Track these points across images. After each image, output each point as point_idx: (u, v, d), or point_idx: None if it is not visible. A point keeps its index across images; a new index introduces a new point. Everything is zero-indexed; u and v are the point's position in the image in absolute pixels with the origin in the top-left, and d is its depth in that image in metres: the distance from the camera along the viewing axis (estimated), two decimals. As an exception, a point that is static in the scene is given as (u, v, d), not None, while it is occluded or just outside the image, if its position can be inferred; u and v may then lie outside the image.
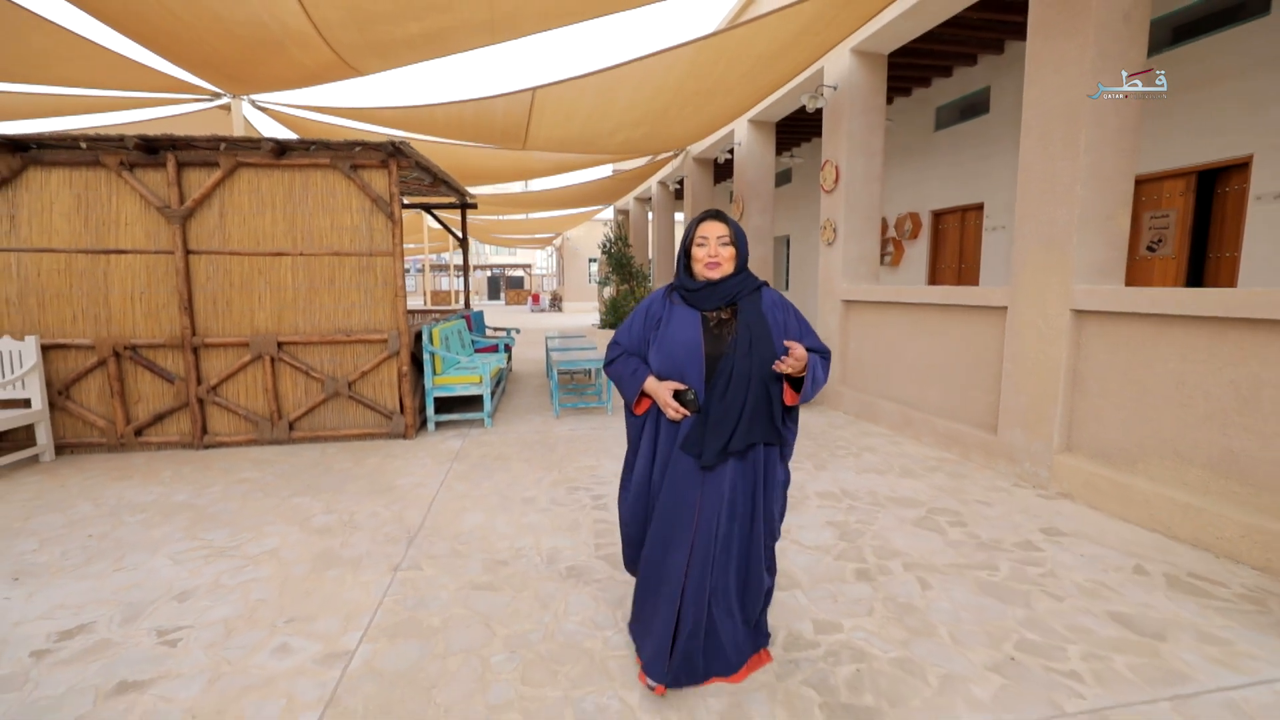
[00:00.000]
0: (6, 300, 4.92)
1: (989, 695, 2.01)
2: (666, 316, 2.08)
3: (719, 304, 2.00)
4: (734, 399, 1.93)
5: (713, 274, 2.01)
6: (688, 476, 1.98)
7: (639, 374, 2.07)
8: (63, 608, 2.61)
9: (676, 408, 1.96)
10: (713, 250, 2.00)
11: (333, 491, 4.07)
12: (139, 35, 5.28)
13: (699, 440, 1.96)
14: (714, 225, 2.02)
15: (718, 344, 1.98)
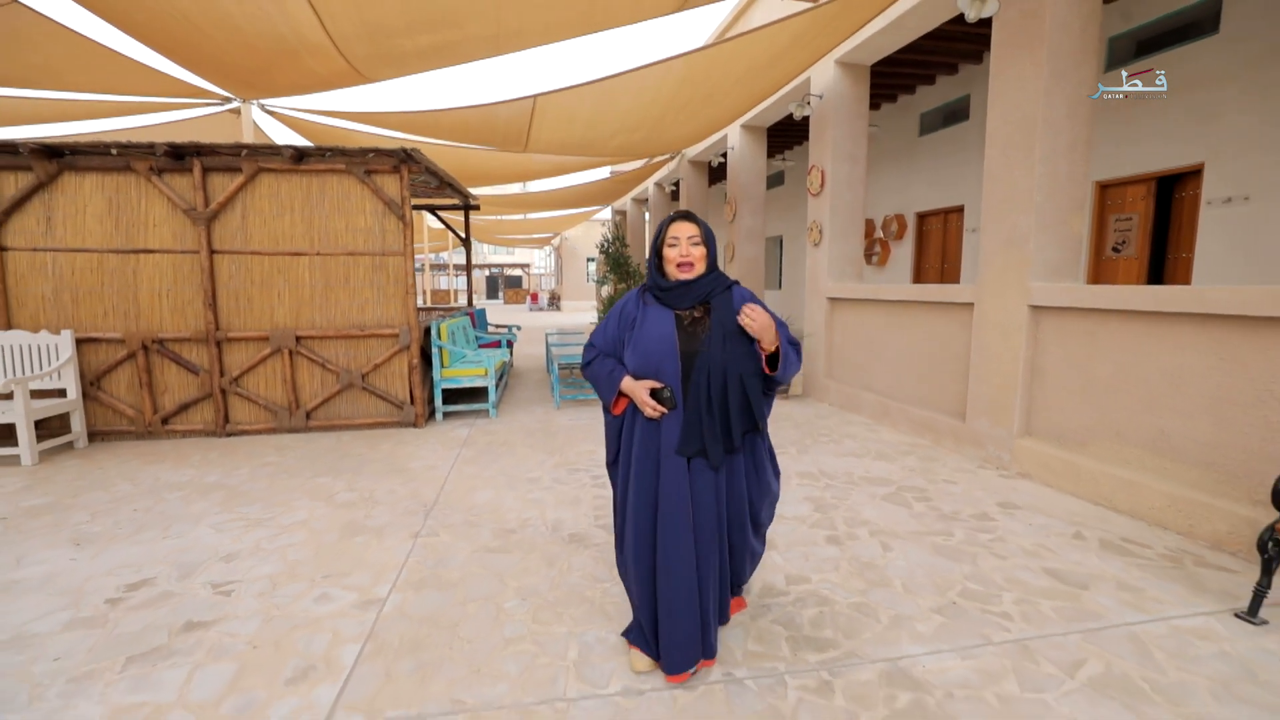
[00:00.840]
0: (43, 297, 5.25)
1: (930, 630, 2.37)
2: (641, 317, 2.10)
3: (692, 303, 2.05)
4: (717, 395, 1.97)
5: (685, 274, 2.05)
6: (679, 477, 1.99)
7: (615, 374, 2.09)
8: (124, 566, 2.95)
9: (654, 406, 1.98)
10: (684, 250, 2.04)
11: (352, 473, 4.42)
12: (159, 44, 5.61)
13: (698, 442, 1.98)
14: (684, 225, 2.06)
15: (692, 341, 2.01)
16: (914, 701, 1.96)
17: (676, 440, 2.00)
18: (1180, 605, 2.53)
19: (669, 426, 2.01)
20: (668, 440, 2.01)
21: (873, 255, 9.98)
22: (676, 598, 1.98)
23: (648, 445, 2.05)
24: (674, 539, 1.98)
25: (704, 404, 1.97)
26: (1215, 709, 1.91)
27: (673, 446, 2.00)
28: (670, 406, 1.98)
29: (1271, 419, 2.91)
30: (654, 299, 2.11)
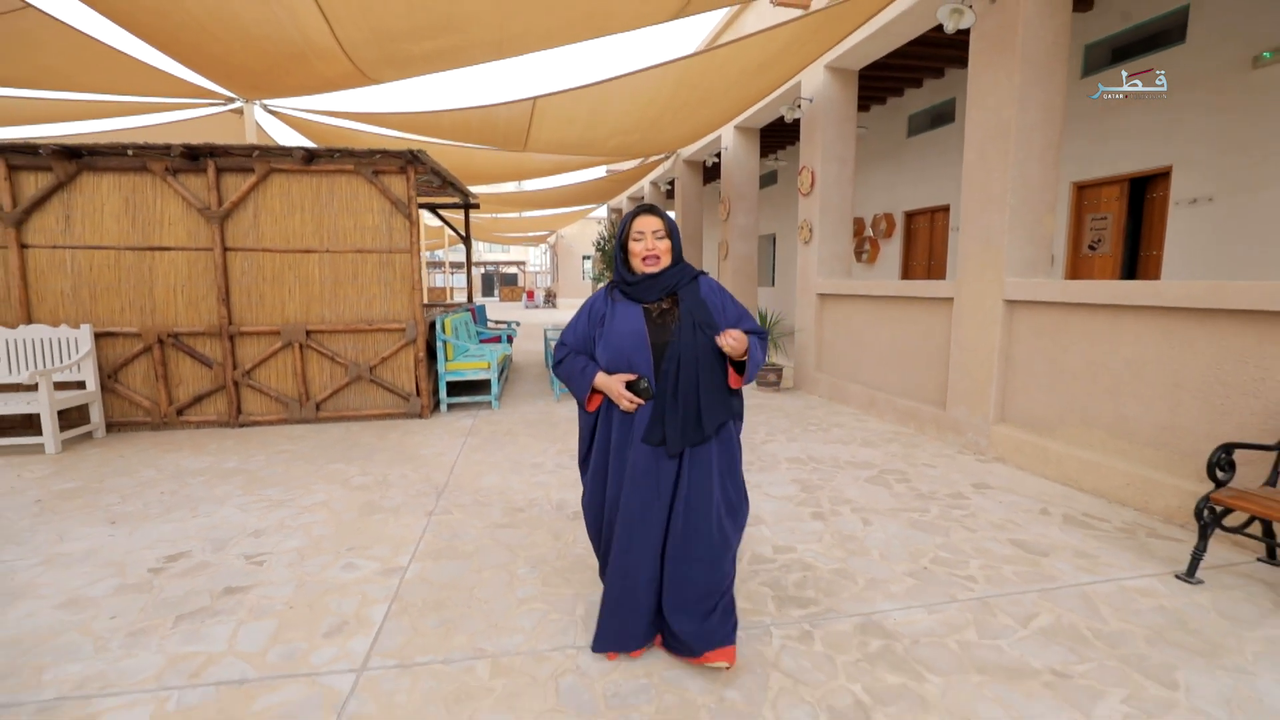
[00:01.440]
0: (62, 292, 5.45)
1: (902, 590, 2.62)
2: (610, 312, 2.12)
3: (659, 295, 2.07)
4: (687, 383, 1.99)
5: (651, 267, 2.07)
6: (648, 468, 2.02)
7: (588, 371, 2.09)
8: (160, 541, 3.18)
9: (630, 398, 1.99)
10: (649, 244, 2.06)
11: (364, 459, 4.65)
12: (167, 46, 5.79)
13: (660, 429, 2.00)
14: (649, 220, 2.08)
15: (662, 332, 2.03)
16: (884, 647, 2.22)
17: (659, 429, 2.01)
18: (1128, 569, 2.80)
19: (643, 418, 2.03)
20: (639, 430, 2.03)
21: (862, 253, 10.25)
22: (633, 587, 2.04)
23: (624, 437, 2.07)
24: (639, 528, 2.02)
25: (671, 392, 1.99)
26: (1146, 650, 2.17)
27: (640, 435, 2.03)
28: (647, 397, 2.00)
29: (1217, 403, 3.18)
30: (621, 294, 2.13)
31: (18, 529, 3.33)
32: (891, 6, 5.34)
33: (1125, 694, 1.95)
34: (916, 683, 2.02)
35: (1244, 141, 5.06)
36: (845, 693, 1.97)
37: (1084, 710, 1.88)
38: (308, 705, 1.93)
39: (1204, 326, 3.23)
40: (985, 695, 1.95)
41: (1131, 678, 2.03)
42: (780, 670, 2.08)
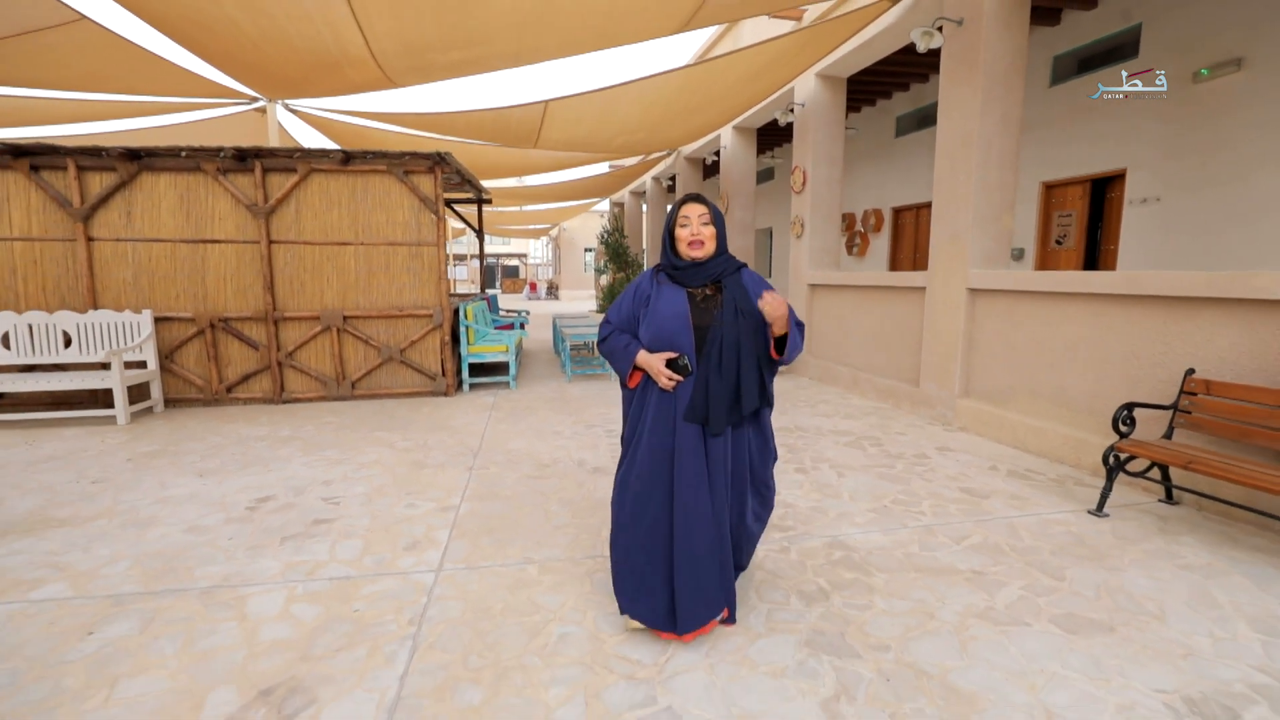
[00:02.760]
0: (124, 281, 6.04)
1: (864, 521, 3.24)
2: (655, 294, 2.19)
3: (704, 282, 2.15)
4: (729, 365, 2.06)
5: (697, 253, 2.14)
6: (695, 447, 2.10)
7: (631, 348, 2.18)
8: (246, 488, 3.79)
9: (670, 375, 2.07)
10: (695, 230, 2.13)
11: (403, 429, 5.26)
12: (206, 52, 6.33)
13: (704, 409, 2.08)
14: (695, 206, 2.16)
15: (705, 315, 2.11)
16: (844, 556, 2.83)
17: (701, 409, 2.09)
18: (1051, 507, 3.42)
19: (684, 395, 2.11)
20: (681, 410, 2.11)
21: (853, 246, 10.84)
22: (698, 558, 2.09)
23: (662, 414, 2.14)
24: (693, 501, 2.09)
25: (715, 374, 2.06)
26: (1048, 559, 2.79)
27: (680, 413, 2.11)
28: (686, 374, 2.07)
29: (1134, 373, 3.79)
30: (667, 278, 2.21)
31: (125, 479, 3.94)
32: (875, 23, 5.91)
33: (1024, 584, 2.57)
34: (867, 577, 2.64)
35: (1186, 148, 5.66)
36: (812, 583, 2.59)
37: (990, 593, 2.50)
38: (404, 591, 2.54)
39: (1124, 310, 3.83)
40: (918, 585, 2.57)
41: (1031, 574, 2.65)
42: (763, 569, 2.70)
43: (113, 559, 2.83)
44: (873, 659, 2.08)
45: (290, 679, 1.99)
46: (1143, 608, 2.39)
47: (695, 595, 2.08)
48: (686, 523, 2.09)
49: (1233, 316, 3.29)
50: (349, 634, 2.23)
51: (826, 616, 2.34)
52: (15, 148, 5.63)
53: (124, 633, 2.25)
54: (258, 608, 2.42)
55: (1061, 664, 2.05)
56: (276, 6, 5.37)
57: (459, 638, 2.21)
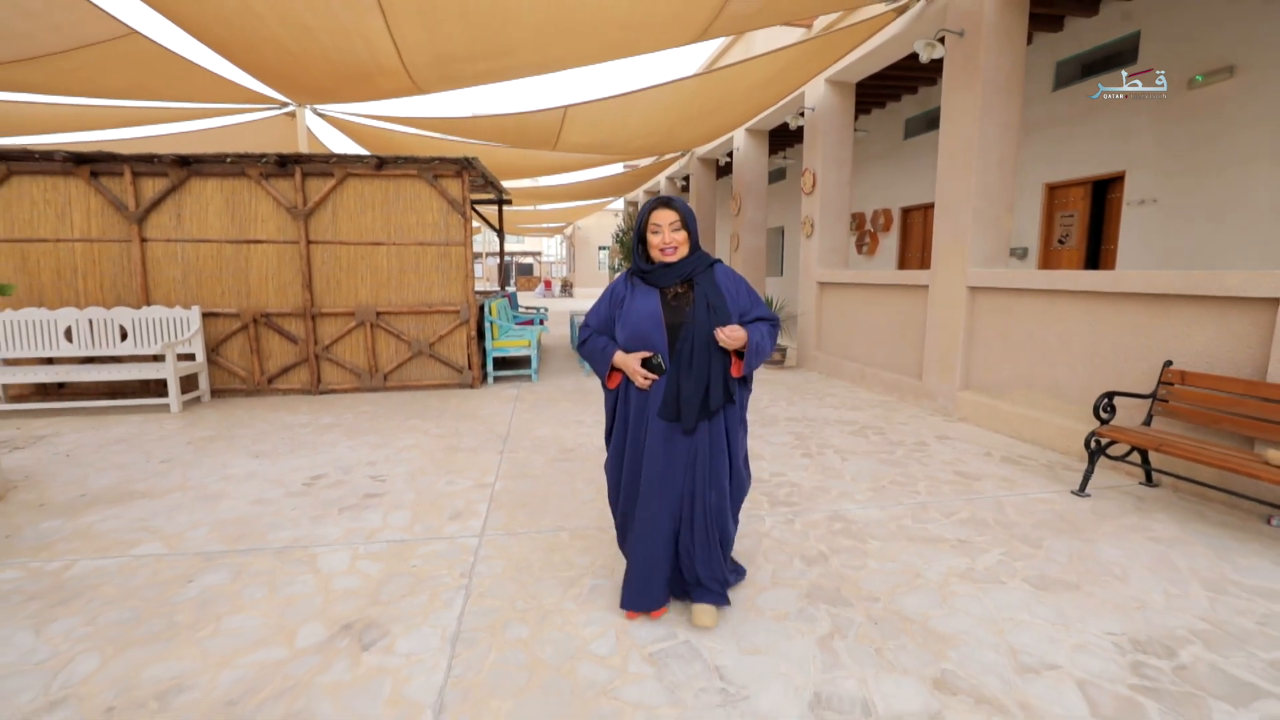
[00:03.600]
0: (174, 279, 6.46)
1: (864, 498, 3.55)
2: (629, 295, 2.24)
3: (675, 281, 2.19)
4: (700, 363, 2.11)
5: (669, 258, 2.18)
6: (662, 442, 2.18)
7: (608, 350, 2.22)
8: (299, 469, 4.16)
9: (645, 375, 2.13)
10: (666, 237, 2.15)
11: (435, 417, 5.62)
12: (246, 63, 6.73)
13: (675, 406, 2.14)
14: (664, 213, 2.16)
15: (677, 314, 2.15)
16: (843, 527, 3.15)
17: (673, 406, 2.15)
18: (1038, 488, 3.71)
19: (656, 394, 2.18)
20: (654, 406, 2.18)
21: (863, 245, 11.09)
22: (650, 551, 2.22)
23: (640, 412, 2.22)
24: (651, 500, 2.20)
25: (686, 371, 2.12)
26: (1028, 531, 3.09)
27: (655, 410, 2.18)
28: (660, 372, 2.14)
29: (1120, 366, 4.06)
30: (640, 280, 2.26)
31: (189, 460, 4.34)
32: (881, 33, 6.18)
33: (1003, 551, 2.88)
34: (862, 544, 2.95)
35: (1182, 151, 5.88)
36: (813, 548, 2.91)
37: (972, 558, 2.80)
38: (453, 551, 2.89)
39: (1111, 307, 4.10)
40: (908, 550, 2.88)
41: (1011, 543, 2.95)
42: (770, 538, 3.02)
43: (193, 525, 3.22)
44: (864, 608, 2.40)
45: (365, 618, 2.34)
46: (1108, 571, 2.69)
47: (643, 586, 2.24)
48: (646, 517, 2.21)
49: (1208, 312, 3.56)
50: (410, 585, 2.59)
51: (825, 575, 2.66)
52: (78, 156, 6.07)
53: (218, 582, 2.62)
54: (327, 564, 2.78)
55: (1029, 614, 2.35)
56: (316, 21, 5.75)
57: (505, 588, 2.56)
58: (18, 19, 5.68)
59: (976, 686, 1.94)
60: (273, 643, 2.18)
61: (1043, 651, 2.12)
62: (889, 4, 5.69)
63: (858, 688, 1.94)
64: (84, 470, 4.12)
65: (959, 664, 2.05)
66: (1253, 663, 2.05)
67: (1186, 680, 1.96)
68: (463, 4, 5.28)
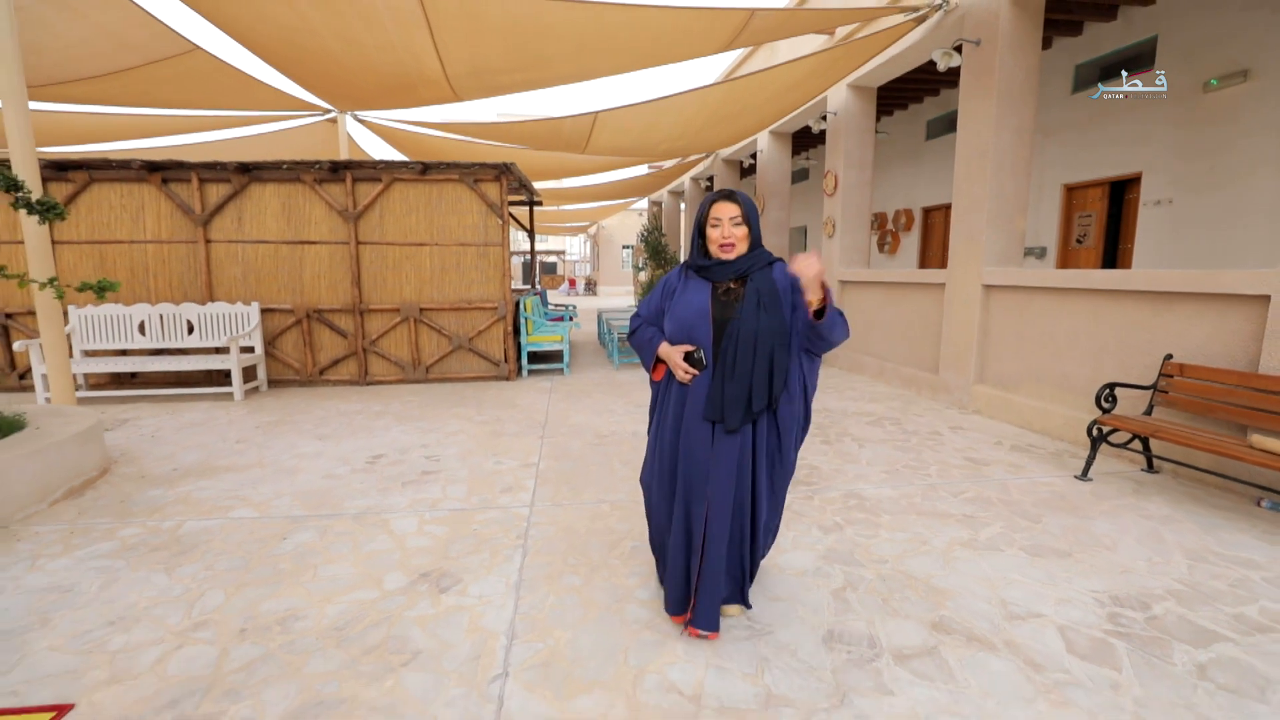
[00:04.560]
0: (235, 277, 6.97)
1: (878, 480, 3.85)
2: (681, 287, 2.20)
3: (730, 276, 2.12)
4: (744, 361, 2.02)
5: (727, 255, 2.10)
6: (703, 441, 2.10)
7: (654, 341, 2.20)
8: (359, 450, 4.58)
9: (686, 369, 2.08)
10: (726, 231, 2.08)
11: (475, 406, 6.03)
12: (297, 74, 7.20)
13: (719, 406, 2.05)
14: (726, 206, 2.08)
15: (725, 309, 2.08)
16: (858, 503, 3.46)
17: (702, 405, 2.09)
18: (1043, 473, 3.97)
19: (697, 391, 2.11)
20: (694, 404, 2.11)
21: (885, 244, 11.28)
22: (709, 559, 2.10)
23: (677, 409, 2.16)
24: (698, 502, 2.10)
25: (729, 370, 2.03)
26: (1030, 509, 3.37)
27: (699, 411, 2.10)
28: (701, 367, 2.08)
29: (1124, 360, 4.29)
30: (695, 273, 2.20)
31: (260, 441, 4.79)
32: (901, 41, 6.43)
33: (1004, 525, 3.16)
34: (874, 517, 3.26)
35: (1197, 153, 6.03)
36: (830, 520, 3.23)
37: (975, 530, 3.10)
38: (507, 519, 3.27)
39: (1117, 304, 4.34)
40: (917, 523, 3.19)
41: (1012, 519, 3.24)
42: (791, 510, 3.34)
43: (277, 495, 3.64)
44: (874, 568, 2.72)
45: (439, 568, 2.72)
46: (1099, 542, 2.96)
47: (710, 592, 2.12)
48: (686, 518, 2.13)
49: (1207, 309, 3.79)
50: (474, 544, 2.97)
51: (840, 541, 2.98)
52: (151, 164, 6.59)
53: (308, 539, 3.03)
54: (399, 527, 3.17)
55: (1021, 575, 2.65)
56: (368, 37, 6.19)
57: (556, 547, 2.92)
58: (100, 39, 6.22)
59: (968, 628, 2.25)
60: (364, 586, 2.58)
61: (1030, 604, 2.42)
62: (908, 14, 5.94)
63: (865, 627, 2.26)
64: (170, 449, 4.59)
65: (954, 611, 2.36)
66: (1218, 616, 2.33)
67: (1155, 628, 2.25)
68: (504, 20, 5.67)
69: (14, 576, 2.65)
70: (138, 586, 2.57)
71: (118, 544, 2.97)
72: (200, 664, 2.06)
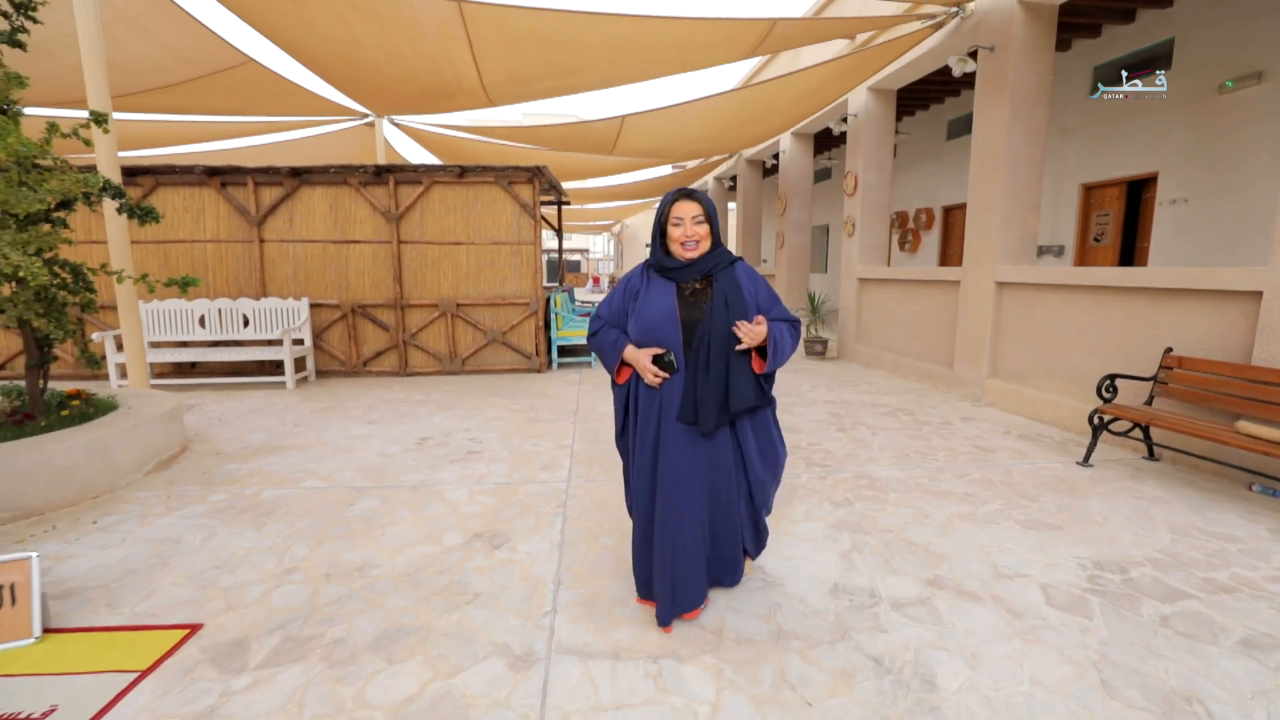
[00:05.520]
0: (286, 274, 7.45)
1: (887, 462, 4.12)
2: (644, 288, 2.16)
3: (695, 277, 2.11)
4: (718, 362, 2.02)
5: (690, 253, 2.09)
6: (679, 444, 2.10)
7: (619, 344, 2.15)
8: (407, 433, 4.98)
9: (655, 372, 2.05)
10: (688, 230, 2.06)
11: (510, 395, 6.42)
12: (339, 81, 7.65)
13: (693, 408, 2.05)
14: (688, 205, 2.07)
15: (693, 310, 2.07)
16: (868, 483, 3.74)
17: (677, 407, 2.09)
18: (1047, 460, 4.21)
19: (670, 394, 2.10)
20: (668, 407, 2.10)
21: (905, 243, 11.44)
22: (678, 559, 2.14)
23: (648, 412, 2.13)
24: (673, 504, 2.10)
25: (703, 371, 2.03)
26: (1030, 489, 3.62)
27: (673, 413, 2.09)
28: (672, 371, 2.05)
29: (1128, 353, 4.50)
30: (657, 273, 2.18)
31: (316, 424, 5.23)
32: (919, 46, 6.65)
33: (1003, 503, 3.43)
34: (882, 494, 3.55)
35: (1212, 153, 6.16)
36: (840, 496, 3.52)
37: (974, 507, 3.37)
38: (547, 491, 3.63)
39: (1122, 300, 4.55)
40: (921, 500, 3.47)
41: (1012, 498, 3.50)
42: (805, 488, 3.65)
43: (339, 469, 4.05)
44: (878, 535, 3.01)
45: (490, 529, 3.09)
46: (1090, 518, 3.22)
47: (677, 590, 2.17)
48: (669, 520, 2.12)
49: (1205, 304, 3.99)
50: (519, 511, 3.33)
51: (849, 514, 3.28)
52: (211, 169, 7.10)
53: (372, 506, 3.42)
54: (452, 496, 3.55)
55: (1014, 544, 2.92)
56: (411, 50, 6.61)
57: (593, 515, 3.27)
58: (165, 55, 6.73)
59: (960, 585, 2.54)
60: (427, 543, 2.95)
61: (1018, 566, 2.70)
62: (925, 21, 6.17)
63: (868, 582, 2.57)
64: (237, 430, 5.05)
65: (948, 571, 2.65)
66: (1189, 579, 2.58)
67: (1129, 587, 2.52)
68: (539, 34, 6.03)
69: (130, 530, 3.08)
70: (234, 540, 2.98)
71: (209, 507, 3.40)
72: (297, 599, 2.45)
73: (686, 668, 2.02)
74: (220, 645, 2.15)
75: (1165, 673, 1.98)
